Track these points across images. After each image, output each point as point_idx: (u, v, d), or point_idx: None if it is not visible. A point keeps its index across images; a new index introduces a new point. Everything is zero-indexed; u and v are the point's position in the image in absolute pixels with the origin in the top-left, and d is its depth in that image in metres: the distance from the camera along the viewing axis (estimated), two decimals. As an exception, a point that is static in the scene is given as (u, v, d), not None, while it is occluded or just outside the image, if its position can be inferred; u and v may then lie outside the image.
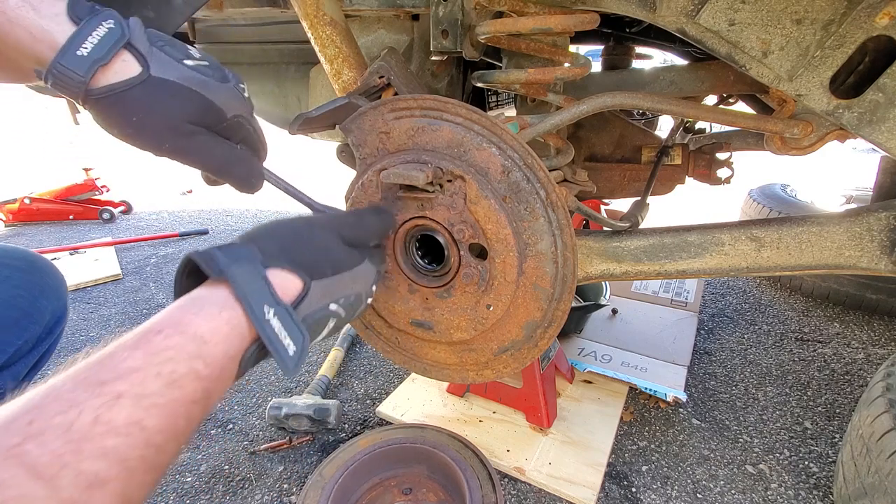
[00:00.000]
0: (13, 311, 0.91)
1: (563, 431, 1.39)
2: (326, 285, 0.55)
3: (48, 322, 1.00)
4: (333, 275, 0.56)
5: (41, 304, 0.97)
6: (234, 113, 0.60)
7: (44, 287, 0.98)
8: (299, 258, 0.53)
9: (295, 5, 0.89)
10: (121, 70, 0.52)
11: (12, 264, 0.95)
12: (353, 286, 0.60)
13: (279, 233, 0.56)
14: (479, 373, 0.89)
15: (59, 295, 1.03)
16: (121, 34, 0.52)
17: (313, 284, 0.53)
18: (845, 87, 0.69)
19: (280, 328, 0.48)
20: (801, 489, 1.23)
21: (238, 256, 0.49)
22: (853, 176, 4.13)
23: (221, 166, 0.61)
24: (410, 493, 1.20)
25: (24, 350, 0.95)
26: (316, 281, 0.53)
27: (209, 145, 0.59)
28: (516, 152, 0.71)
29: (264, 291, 0.48)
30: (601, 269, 0.94)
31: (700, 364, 1.76)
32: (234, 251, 0.49)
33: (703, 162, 1.22)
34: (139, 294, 2.43)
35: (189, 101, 0.55)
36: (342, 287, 0.58)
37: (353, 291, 0.60)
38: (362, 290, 0.62)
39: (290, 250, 0.54)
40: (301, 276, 0.52)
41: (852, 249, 0.78)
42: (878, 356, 1.79)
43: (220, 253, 0.48)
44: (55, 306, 1.01)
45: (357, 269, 0.61)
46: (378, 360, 1.81)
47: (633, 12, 0.73)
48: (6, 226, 3.57)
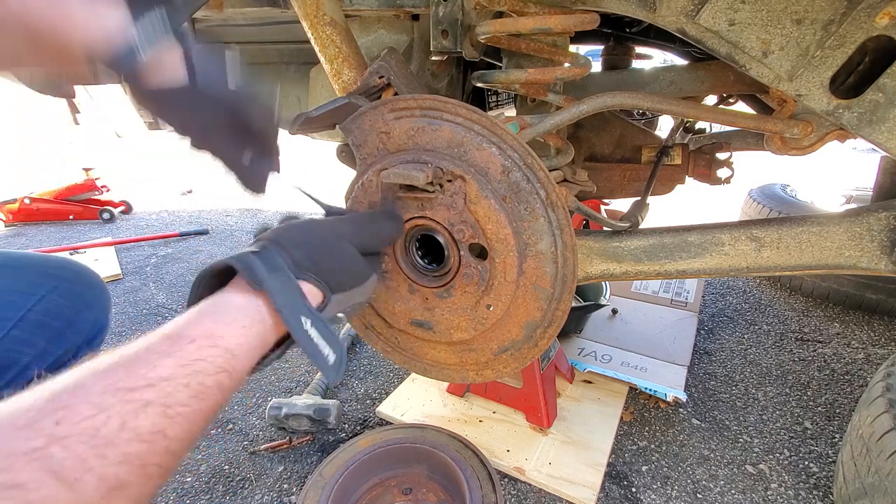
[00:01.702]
0: (58, 321, 0.92)
1: (563, 431, 1.39)
2: (342, 299, 0.59)
3: (89, 333, 1.01)
4: (349, 289, 0.60)
5: (84, 316, 0.98)
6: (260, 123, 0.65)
7: (88, 299, 1.00)
8: (326, 272, 0.56)
9: (295, 5, 0.89)
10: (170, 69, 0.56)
11: (60, 275, 0.97)
12: (361, 297, 0.64)
13: (308, 241, 0.58)
14: (479, 373, 0.89)
15: (101, 307, 1.04)
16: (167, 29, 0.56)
17: (332, 298, 0.56)
18: (845, 87, 0.69)
19: (318, 338, 0.50)
20: (801, 489, 1.23)
21: (275, 266, 0.51)
22: (853, 176, 4.13)
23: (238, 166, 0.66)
24: (410, 493, 1.20)
25: (64, 360, 0.96)
26: (335, 294, 0.57)
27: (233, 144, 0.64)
28: (516, 152, 0.71)
29: (300, 304, 0.50)
30: (601, 269, 0.94)
31: (700, 364, 1.76)
32: (270, 259, 0.51)
33: (703, 162, 1.22)
34: (139, 294, 2.43)
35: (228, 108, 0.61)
36: (353, 299, 0.62)
37: (359, 301, 0.64)
38: (365, 300, 0.66)
39: (318, 262, 0.56)
40: (323, 289, 0.55)
41: (852, 249, 0.78)
42: (878, 356, 1.79)
43: (259, 261, 0.50)
44: (97, 318, 1.02)
45: (369, 281, 0.65)
46: (378, 360, 1.81)
47: (633, 12, 0.73)
48: (6, 226, 3.57)
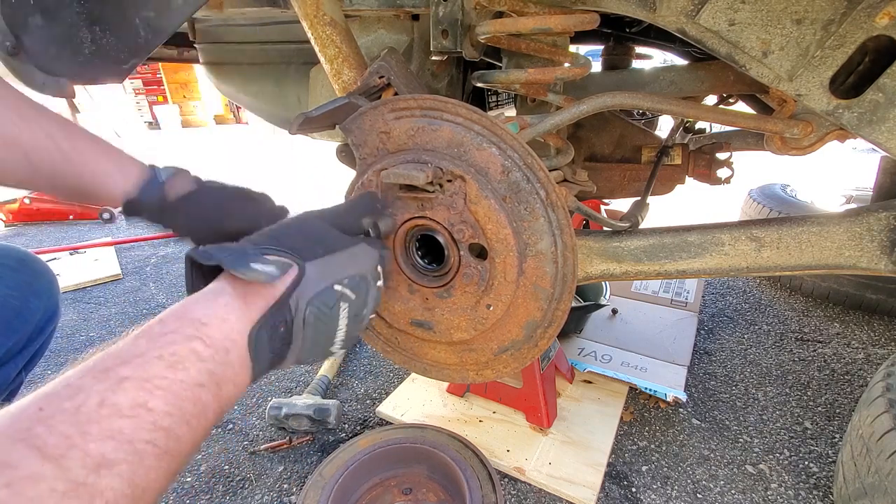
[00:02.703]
0: (4, 311, 0.92)
1: (563, 431, 1.39)
2: (322, 265, 0.56)
3: (39, 321, 1.00)
4: (326, 254, 0.57)
5: (32, 304, 0.97)
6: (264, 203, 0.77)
7: (35, 286, 0.99)
8: (289, 243, 0.55)
9: (295, 5, 0.89)
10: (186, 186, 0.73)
11: (5, 264, 0.96)
12: (354, 266, 0.61)
13: (269, 228, 0.59)
14: (479, 373, 0.89)
15: (50, 294, 1.03)
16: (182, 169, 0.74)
17: (308, 266, 0.54)
18: (845, 87, 0.68)
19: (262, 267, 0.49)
20: (801, 489, 1.23)
21: (227, 247, 0.52)
22: (853, 176, 4.13)
23: None
24: (410, 493, 1.20)
25: (15, 350, 0.95)
26: (310, 262, 0.54)
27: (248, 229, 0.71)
28: (516, 152, 0.71)
29: (252, 256, 0.50)
30: (601, 269, 0.94)
31: (700, 364, 1.76)
32: (225, 245, 0.52)
33: (703, 162, 1.22)
34: (139, 294, 2.43)
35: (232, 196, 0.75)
36: (341, 267, 0.59)
37: (355, 272, 0.60)
38: (365, 271, 0.62)
39: (279, 238, 0.56)
40: (294, 259, 0.53)
41: (852, 249, 0.78)
42: (878, 356, 1.79)
43: (214, 248, 0.51)
44: (46, 305, 1.01)
45: (352, 250, 0.62)
46: (378, 360, 1.81)
47: (633, 12, 0.73)
48: (6, 226, 3.57)
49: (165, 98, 11.28)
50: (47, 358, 1.87)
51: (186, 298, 0.49)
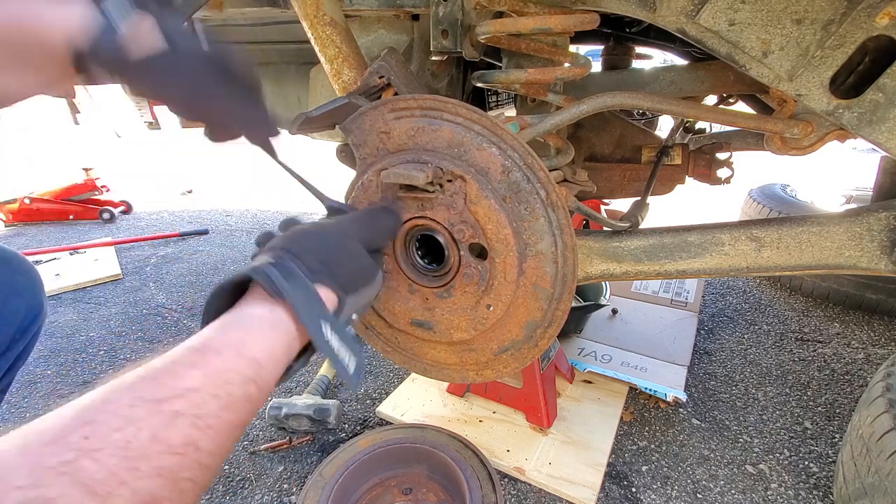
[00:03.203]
0: None
1: (563, 431, 1.39)
2: (356, 299, 0.59)
3: (22, 322, 0.96)
4: (361, 289, 0.60)
5: (13, 304, 0.93)
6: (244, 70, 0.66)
7: (16, 285, 0.95)
8: (338, 275, 0.56)
9: (295, 5, 0.89)
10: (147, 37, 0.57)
11: None
12: (370, 295, 0.64)
13: (318, 246, 0.58)
14: (479, 373, 0.89)
15: (33, 293, 0.99)
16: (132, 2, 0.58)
17: (347, 300, 0.56)
18: (845, 87, 0.68)
19: (339, 345, 0.51)
20: (801, 489, 1.23)
21: (291, 274, 0.51)
22: (853, 176, 4.13)
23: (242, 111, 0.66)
24: (410, 493, 1.20)
25: None
26: (349, 296, 0.57)
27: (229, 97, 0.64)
28: (516, 152, 0.71)
29: (320, 311, 0.51)
30: (601, 269, 0.94)
31: (700, 364, 1.76)
32: (286, 268, 0.51)
33: (703, 162, 1.22)
34: (139, 294, 2.43)
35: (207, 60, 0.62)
36: (364, 298, 0.62)
37: (369, 300, 0.64)
38: (371, 299, 0.66)
39: (329, 265, 0.56)
40: (337, 291, 0.55)
41: (852, 249, 0.78)
42: (878, 356, 1.79)
43: (276, 271, 0.50)
44: (30, 304, 0.97)
45: (375, 281, 0.64)
46: (378, 360, 1.81)
47: (633, 12, 0.73)
48: (6, 226, 3.57)
49: (165, 98, 11.27)
50: (47, 358, 1.87)
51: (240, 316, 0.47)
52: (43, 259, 2.79)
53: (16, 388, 1.66)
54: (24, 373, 1.72)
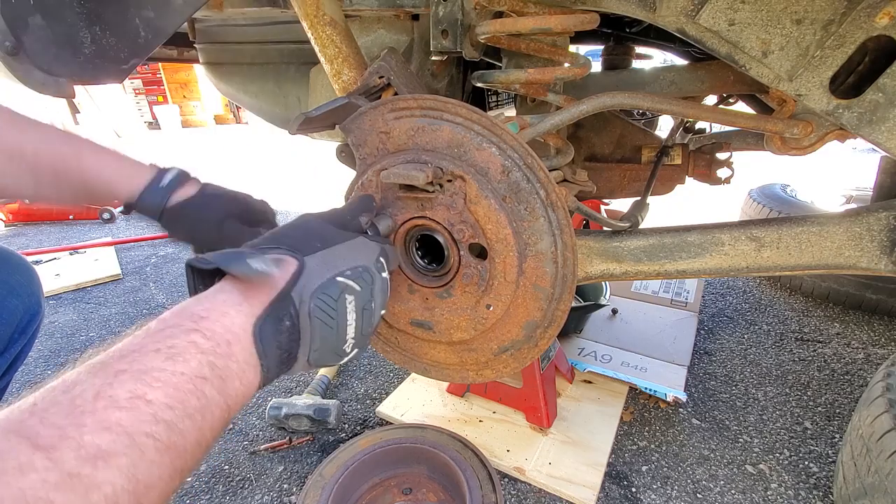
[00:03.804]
0: None
1: (563, 431, 1.39)
2: (322, 258, 0.56)
3: (20, 322, 0.95)
4: (324, 248, 0.57)
5: (11, 304, 0.93)
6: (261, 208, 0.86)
7: (13, 285, 0.94)
8: (287, 241, 0.56)
9: (295, 5, 0.89)
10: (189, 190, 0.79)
11: None
12: (354, 258, 0.60)
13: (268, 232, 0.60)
14: (479, 373, 0.89)
15: (30, 291, 0.98)
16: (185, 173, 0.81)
17: (307, 259, 0.54)
18: (845, 87, 0.68)
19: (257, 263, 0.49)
20: (801, 489, 1.23)
21: (231, 251, 0.52)
22: (853, 176, 4.13)
23: None
24: (410, 493, 1.20)
25: None
26: (309, 256, 0.55)
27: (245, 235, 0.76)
28: (516, 152, 0.71)
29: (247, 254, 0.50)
30: (601, 269, 0.93)
31: (700, 364, 1.76)
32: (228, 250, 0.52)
33: (703, 162, 1.22)
34: (139, 294, 2.43)
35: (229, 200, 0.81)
36: (341, 258, 0.58)
37: (357, 263, 0.59)
38: (367, 262, 0.61)
39: (276, 237, 0.57)
40: (293, 255, 0.54)
41: (852, 249, 0.78)
42: (878, 356, 1.79)
43: (212, 253, 0.51)
44: (27, 304, 0.96)
45: (351, 243, 0.61)
46: (378, 360, 1.81)
47: (633, 12, 0.73)
48: (6, 226, 3.57)
49: (165, 98, 11.30)
50: (47, 358, 1.87)
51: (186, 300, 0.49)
52: (43, 259, 2.79)
53: (15, 388, 1.66)
54: (23, 373, 1.72)
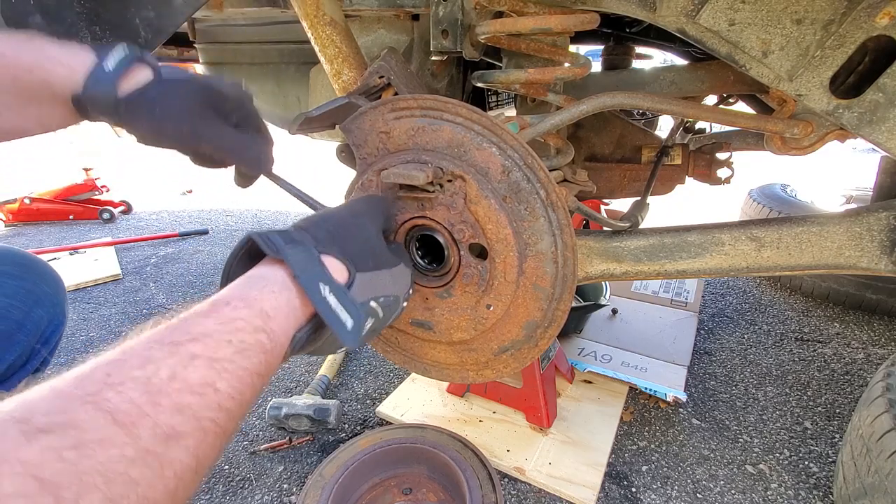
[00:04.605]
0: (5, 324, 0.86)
1: (563, 431, 1.39)
2: (369, 279, 0.57)
3: (44, 331, 0.94)
4: (374, 269, 0.58)
5: (36, 314, 0.91)
6: (234, 92, 0.68)
7: (39, 295, 0.93)
8: (346, 248, 0.56)
9: (295, 5, 0.89)
10: (139, 76, 0.62)
11: (4, 271, 0.89)
12: (392, 287, 0.62)
13: (327, 220, 0.59)
14: (479, 373, 0.89)
15: (55, 301, 0.97)
16: (132, 53, 0.62)
17: (357, 276, 0.55)
18: (845, 87, 0.68)
19: (336, 304, 0.50)
20: (801, 489, 1.23)
21: (293, 239, 0.52)
22: (853, 176, 4.13)
23: (234, 146, 0.66)
24: (410, 493, 1.20)
25: (19, 364, 0.90)
26: (360, 273, 0.55)
27: (222, 128, 0.65)
28: (516, 152, 0.71)
29: (319, 272, 0.51)
30: (601, 269, 0.93)
31: (700, 364, 1.76)
32: (290, 235, 0.53)
33: (703, 162, 1.22)
34: (139, 294, 2.43)
35: (196, 86, 0.64)
36: (382, 285, 0.60)
37: (392, 292, 0.61)
38: (400, 294, 0.63)
39: (338, 238, 0.56)
40: (347, 265, 0.55)
41: (852, 249, 0.78)
42: (878, 356, 1.79)
43: (279, 236, 0.51)
44: (52, 314, 0.95)
45: (395, 270, 0.63)
46: (378, 360, 1.81)
47: (633, 12, 0.73)
48: (6, 226, 3.57)
49: (165, 98, 11.27)
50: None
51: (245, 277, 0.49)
52: (43, 259, 2.78)
53: (16, 388, 1.66)
54: (24, 373, 1.72)
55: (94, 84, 0.59)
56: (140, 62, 0.62)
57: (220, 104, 0.65)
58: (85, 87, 0.58)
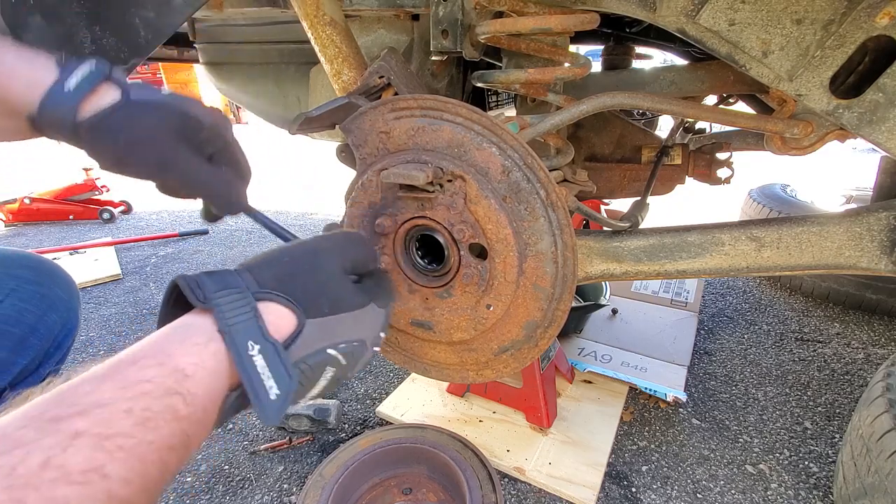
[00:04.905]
0: (19, 327, 0.85)
1: (563, 431, 1.39)
2: (323, 325, 0.49)
3: (57, 336, 0.94)
4: (331, 314, 0.50)
5: (49, 319, 0.90)
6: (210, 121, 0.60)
7: (53, 299, 0.92)
8: (294, 291, 0.48)
9: (295, 5, 0.89)
10: (104, 97, 0.54)
11: (19, 275, 0.88)
12: (356, 331, 0.53)
13: (276, 260, 0.51)
14: (479, 373, 0.89)
15: (69, 306, 0.96)
16: (100, 70, 0.55)
17: (308, 323, 0.47)
18: (845, 87, 0.68)
19: (264, 367, 0.42)
20: (801, 489, 1.23)
21: (227, 283, 0.45)
22: (853, 176, 4.13)
23: (204, 182, 0.60)
24: (410, 493, 1.20)
25: (31, 368, 0.89)
26: (311, 320, 0.48)
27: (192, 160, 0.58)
28: (516, 152, 0.71)
29: (251, 324, 0.43)
30: (601, 269, 0.93)
31: (700, 364, 1.76)
32: (224, 278, 0.45)
33: (703, 162, 1.22)
34: (139, 294, 2.43)
35: (167, 112, 0.57)
36: (342, 330, 0.51)
37: (356, 337, 0.53)
38: (367, 337, 0.55)
39: (285, 280, 0.49)
40: (295, 311, 0.47)
41: (852, 249, 0.78)
42: (878, 356, 1.79)
43: (209, 279, 0.44)
44: (65, 318, 0.94)
45: (359, 313, 0.54)
46: (378, 360, 1.81)
47: (633, 12, 0.73)
48: (6, 226, 3.57)
49: (165, 98, 11.28)
50: (47, 358, 1.87)
51: (168, 327, 0.42)
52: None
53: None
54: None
55: (50, 104, 0.52)
56: (107, 81, 0.55)
57: (193, 133, 0.58)
58: (41, 106, 0.52)
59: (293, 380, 0.44)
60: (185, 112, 0.57)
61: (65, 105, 0.52)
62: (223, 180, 0.62)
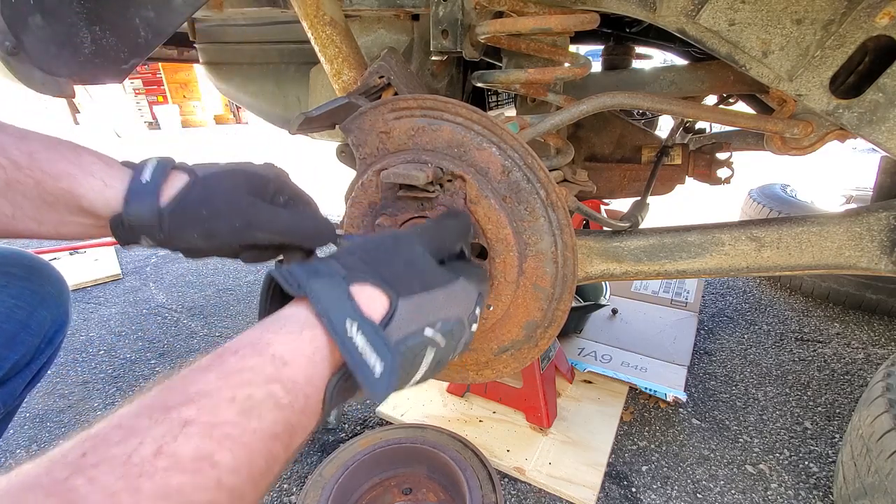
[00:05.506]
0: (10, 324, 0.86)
1: (563, 431, 1.39)
2: (417, 304, 0.48)
3: (48, 332, 0.94)
4: (423, 291, 0.50)
5: (40, 315, 0.91)
6: (273, 173, 0.66)
7: (44, 295, 0.93)
8: (383, 272, 0.48)
9: (295, 5, 0.89)
10: (177, 182, 0.59)
11: (9, 271, 0.89)
12: (451, 308, 0.52)
13: (359, 246, 0.52)
14: (479, 373, 0.89)
15: (59, 302, 0.97)
16: (166, 161, 0.60)
17: (401, 302, 0.47)
18: (845, 87, 0.68)
19: (364, 344, 0.42)
20: (801, 489, 1.23)
21: (317, 270, 0.45)
22: (853, 176, 4.13)
23: (290, 225, 0.62)
24: (410, 493, 1.20)
25: (22, 364, 0.90)
26: (404, 298, 0.47)
27: (272, 210, 0.61)
28: (516, 152, 0.71)
29: (346, 305, 0.43)
30: (601, 269, 0.93)
31: (700, 364, 1.76)
32: (314, 266, 0.46)
33: (703, 162, 1.22)
34: (139, 294, 2.43)
35: (236, 176, 0.61)
36: (437, 308, 0.51)
37: (452, 314, 0.52)
38: (463, 314, 0.54)
39: (372, 263, 0.49)
40: (387, 291, 0.47)
41: (852, 249, 0.78)
42: (878, 356, 1.79)
43: (299, 269, 0.45)
44: (55, 314, 0.95)
45: (452, 287, 0.53)
46: (378, 360, 1.80)
47: (633, 12, 0.73)
48: (6, 226, 3.57)
49: (165, 98, 11.29)
50: (47, 358, 1.87)
51: (266, 319, 0.43)
52: (46, 260, 2.79)
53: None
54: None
55: (134, 196, 0.55)
56: (174, 168, 0.60)
57: (263, 188, 0.63)
58: (126, 200, 0.55)
59: (395, 356, 0.44)
60: (250, 172, 0.63)
61: (147, 194, 0.56)
62: (306, 217, 0.66)
